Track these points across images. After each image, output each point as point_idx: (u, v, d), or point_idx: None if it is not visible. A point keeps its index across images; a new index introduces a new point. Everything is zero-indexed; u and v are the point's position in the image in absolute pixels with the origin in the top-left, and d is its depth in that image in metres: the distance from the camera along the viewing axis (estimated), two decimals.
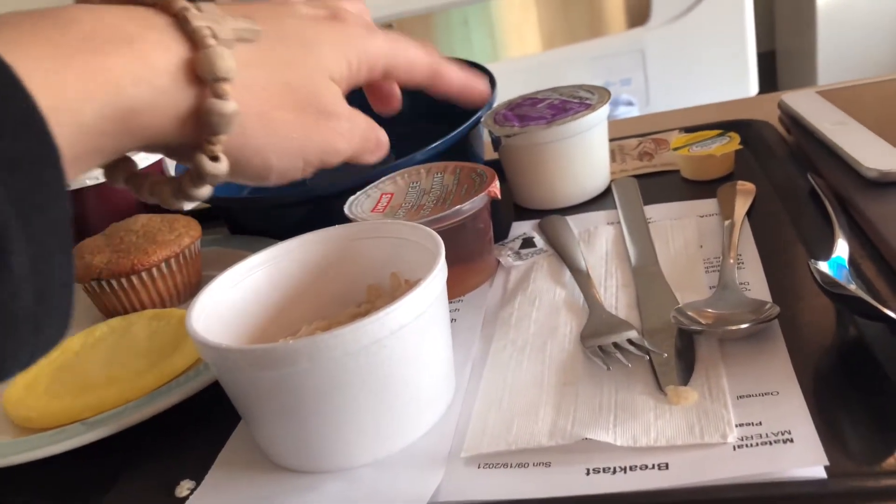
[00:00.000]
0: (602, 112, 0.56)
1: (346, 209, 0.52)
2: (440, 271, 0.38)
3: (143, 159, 0.65)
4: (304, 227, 0.46)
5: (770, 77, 3.04)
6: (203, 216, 0.70)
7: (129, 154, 0.31)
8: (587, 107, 0.57)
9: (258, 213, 0.63)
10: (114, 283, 0.54)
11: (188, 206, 0.33)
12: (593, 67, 1.39)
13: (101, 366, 0.49)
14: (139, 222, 0.57)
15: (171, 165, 0.67)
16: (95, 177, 0.62)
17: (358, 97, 0.39)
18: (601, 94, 0.58)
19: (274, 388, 0.35)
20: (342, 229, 0.45)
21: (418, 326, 0.36)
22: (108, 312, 0.56)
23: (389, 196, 0.53)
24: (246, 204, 0.63)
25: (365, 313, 0.42)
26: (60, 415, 0.45)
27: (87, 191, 0.63)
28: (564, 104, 0.58)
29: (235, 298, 0.43)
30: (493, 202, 0.50)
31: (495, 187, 0.49)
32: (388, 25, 3.15)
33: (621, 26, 3.10)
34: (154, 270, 0.54)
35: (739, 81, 1.44)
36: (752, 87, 1.46)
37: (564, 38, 3.14)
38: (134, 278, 0.54)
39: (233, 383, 0.37)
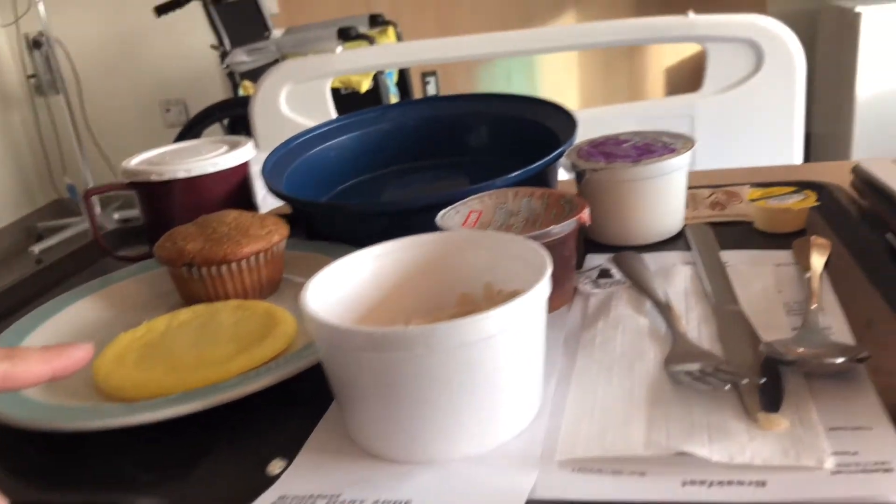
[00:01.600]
0: (686, 157, 0.59)
1: (438, 221, 0.54)
2: (548, 279, 0.40)
3: (233, 159, 0.67)
4: (381, 239, 0.47)
5: (805, 158, 3.08)
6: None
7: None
8: (672, 151, 0.59)
9: (339, 221, 0.65)
10: (204, 270, 0.56)
11: None
12: (641, 127, 1.42)
13: (189, 347, 0.51)
14: (231, 216, 0.59)
15: (256, 168, 0.70)
16: (188, 170, 0.65)
17: None
18: (685, 141, 0.61)
19: (385, 370, 0.37)
20: (445, 236, 0.47)
21: (524, 329, 0.38)
22: (191, 299, 0.58)
23: (478, 214, 0.55)
24: (328, 210, 0.66)
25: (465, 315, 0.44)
26: (154, 388, 0.46)
27: (178, 183, 0.65)
28: (648, 146, 0.61)
29: (339, 290, 0.44)
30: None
31: (586, 214, 0.51)
32: (432, 73, 3.23)
33: (669, 91, 3.17)
34: (244, 262, 0.56)
35: (783, 156, 1.47)
36: (798, 157, 1.50)
37: (608, 98, 3.20)
38: (224, 268, 0.56)
39: (342, 364, 0.39)
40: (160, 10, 2.42)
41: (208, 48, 3.25)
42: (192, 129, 2.48)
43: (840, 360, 0.39)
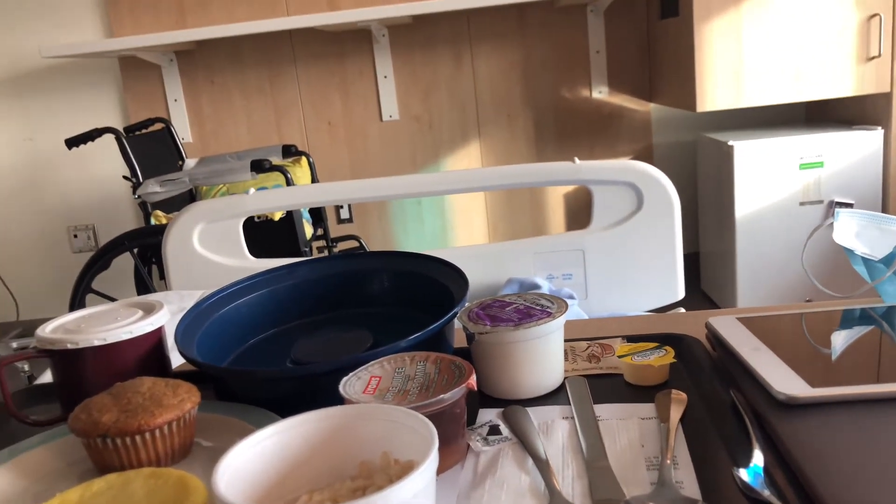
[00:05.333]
0: (561, 320, 0.67)
1: (340, 389, 0.59)
2: (435, 455, 0.45)
3: (148, 325, 0.71)
4: (289, 400, 0.52)
5: (695, 275, 3.30)
6: (191, 377, 0.76)
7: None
8: (549, 314, 0.67)
9: (247, 384, 0.69)
10: (118, 441, 0.59)
11: None
12: (538, 261, 1.53)
13: None
14: (145, 385, 0.63)
15: (170, 334, 0.73)
16: (103, 338, 0.68)
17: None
18: (559, 305, 0.69)
19: None
20: (344, 409, 0.53)
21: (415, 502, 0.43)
22: (104, 468, 0.61)
23: (378, 379, 0.61)
24: (234, 376, 0.70)
25: (363, 488, 0.49)
26: None
27: (91, 351, 0.68)
28: (528, 310, 0.68)
29: (247, 467, 0.49)
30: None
31: (473, 381, 0.58)
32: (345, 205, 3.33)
33: (569, 217, 3.37)
34: (157, 431, 0.59)
35: (669, 281, 1.60)
36: (680, 287, 1.63)
37: (513, 222, 3.37)
38: (138, 438, 0.59)
39: None
40: (71, 143, 2.45)
41: (117, 173, 3.28)
42: (101, 258, 2.47)
43: None
